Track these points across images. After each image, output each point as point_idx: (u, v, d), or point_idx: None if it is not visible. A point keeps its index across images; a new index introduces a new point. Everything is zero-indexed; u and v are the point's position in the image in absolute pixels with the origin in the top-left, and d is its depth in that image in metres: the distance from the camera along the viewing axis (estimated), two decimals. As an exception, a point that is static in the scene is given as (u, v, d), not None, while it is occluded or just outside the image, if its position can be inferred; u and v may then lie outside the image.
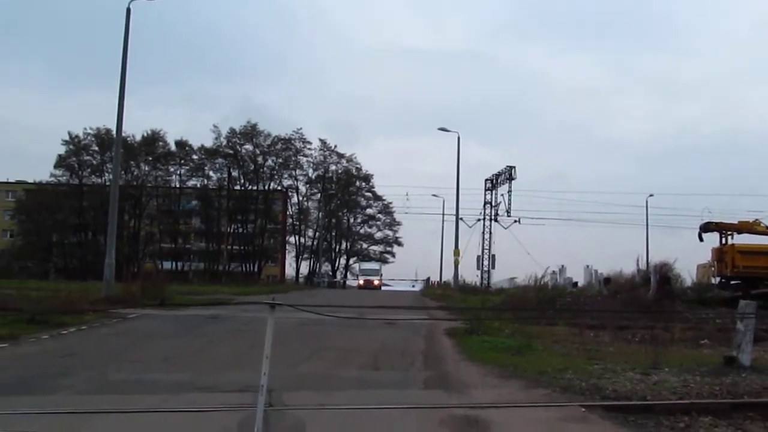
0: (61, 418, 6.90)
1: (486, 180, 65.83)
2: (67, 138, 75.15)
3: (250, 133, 78.48)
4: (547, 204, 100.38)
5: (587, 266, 45.44)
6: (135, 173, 76.24)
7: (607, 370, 10.59)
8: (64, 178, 76.08)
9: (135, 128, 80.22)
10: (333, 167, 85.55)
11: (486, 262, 62.34)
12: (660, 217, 69.67)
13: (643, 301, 24.42)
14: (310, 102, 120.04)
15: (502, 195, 64.42)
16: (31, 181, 79.18)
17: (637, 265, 30.04)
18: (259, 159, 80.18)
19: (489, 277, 61.55)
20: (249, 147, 79.70)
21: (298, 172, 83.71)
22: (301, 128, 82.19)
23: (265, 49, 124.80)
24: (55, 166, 75.93)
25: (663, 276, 26.39)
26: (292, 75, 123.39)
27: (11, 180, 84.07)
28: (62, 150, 75.57)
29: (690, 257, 34.36)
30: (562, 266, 49.77)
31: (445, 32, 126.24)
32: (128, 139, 70.21)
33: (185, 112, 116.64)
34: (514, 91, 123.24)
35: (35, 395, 8.15)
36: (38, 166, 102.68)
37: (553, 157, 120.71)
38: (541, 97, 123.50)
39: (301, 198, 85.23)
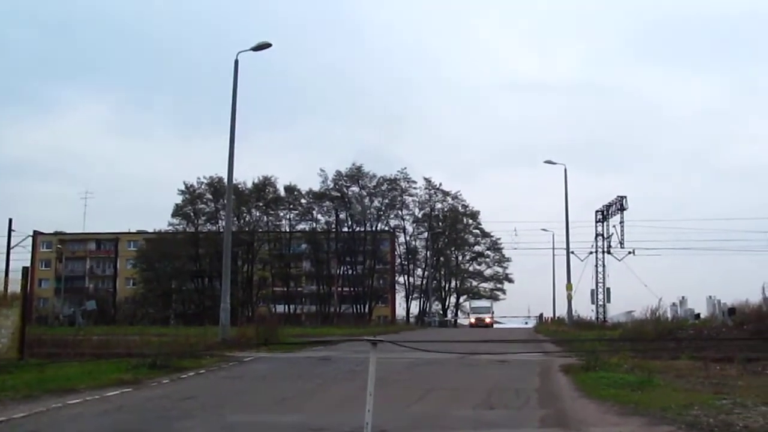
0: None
1: (596, 211, 64.22)
2: (183, 188, 78.58)
3: (356, 175, 79.84)
4: (663, 234, 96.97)
5: (710, 297, 43.44)
6: (247, 219, 78.73)
7: (737, 405, 9.98)
8: (181, 226, 79.35)
9: (248, 174, 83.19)
10: (439, 205, 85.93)
11: (601, 296, 60.44)
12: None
13: (773, 331, 23.04)
14: (418, 140, 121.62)
15: (614, 226, 62.60)
16: (151, 230, 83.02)
17: (764, 293, 28.49)
18: (366, 200, 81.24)
19: (605, 311, 59.59)
20: (355, 189, 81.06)
21: (404, 211, 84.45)
22: (405, 168, 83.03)
23: (375, 96, 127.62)
24: (173, 215, 79.60)
25: (793, 303, 24.89)
26: (403, 118, 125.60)
27: (132, 230, 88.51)
28: (179, 199, 79.06)
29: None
30: (683, 297, 47.87)
31: (556, 64, 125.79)
32: (239, 186, 72.89)
33: (298, 157, 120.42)
34: (627, 120, 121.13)
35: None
36: (159, 216, 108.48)
37: (670, 185, 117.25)
38: (655, 125, 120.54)
39: (408, 238, 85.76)
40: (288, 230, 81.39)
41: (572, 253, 51.88)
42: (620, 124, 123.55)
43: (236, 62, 27.83)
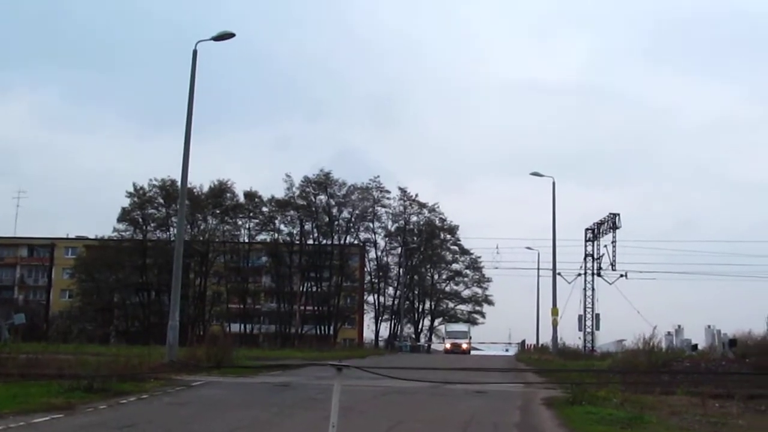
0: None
1: (586, 230, 64.53)
2: (131, 190, 76.79)
3: (324, 182, 79.22)
4: (659, 256, 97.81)
5: (708, 326, 43.87)
6: (201, 227, 77.69)
7: (737, 448, 10.02)
8: (128, 233, 77.21)
9: (207, 178, 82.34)
10: (414, 218, 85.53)
11: (589, 323, 60.68)
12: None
13: (777, 365, 23.35)
14: (402, 146, 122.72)
15: (605, 246, 62.91)
16: (92, 236, 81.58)
17: (768, 323, 28.84)
18: (334, 210, 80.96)
19: (593, 340, 59.90)
20: (323, 197, 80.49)
21: (376, 224, 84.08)
22: (378, 176, 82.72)
23: (354, 92, 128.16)
24: (119, 220, 76.92)
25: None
26: (387, 121, 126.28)
27: (71, 236, 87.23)
28: (127, 203, 76.85)
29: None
30: (679, 326, 48.24)
31: (554, 65, 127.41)
32: (195, 190, 72.17)
33: (266, 161, 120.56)
34: (627, 129, 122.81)
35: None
36: (103, 221, 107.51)
37: (669, 202, 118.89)
38: (657, 135, 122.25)
39: (379, 253, 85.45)
40: (247, 241, 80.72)
41: (559, 274, 52.14)
42: (619, 133, 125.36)
43: (194, 52, 27.63)
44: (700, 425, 12.94)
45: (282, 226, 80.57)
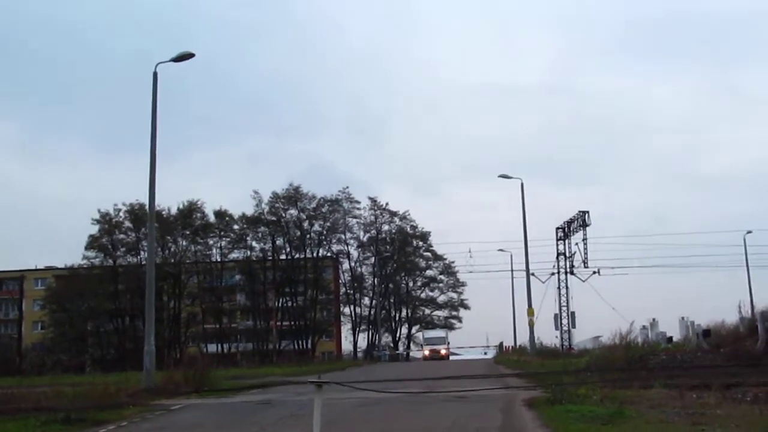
0: None
1: (557, 229, 65.02)
2: (97, 216, 76.05)
3: (294, 196, 79.23)
4: (631, 251, 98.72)
5: (682, 318, 44.26)
6: (172, 249, 77.30)
7: (716, 437, 10.16)
8: (97, 260, 76.60)
9: (175, 200, 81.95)
10: (386, 227, 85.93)
11: (565, 321, 61.09)
12: (762, 256, 67.74)
13: (751, 353, 23.66)
14: (371, 155, 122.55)
15: (576, 244, 63.44)
16: (61, 266, 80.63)
17: (740, 312, 29.20)
18: (305, 224, 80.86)
19: (570, 338, 60.30)
20: (293, 212, 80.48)
21: (348, 235, 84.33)
22: (347, 187, 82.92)
23: (322, 106, 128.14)
24: (87, 248, 76.30)
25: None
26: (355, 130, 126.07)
27: (40, 266, 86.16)
28: (94, 230, 76.50)
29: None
30: (654, 320, 48.63)
31: (526, 65, 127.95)
32: (163, 212, 71.82)
33: (234, 179, 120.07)
34: (595, 128, 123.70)
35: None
36: (71, 250, 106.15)
37: (639, 199, 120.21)
38: (625, 133, 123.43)
39: (353, 264, 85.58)
40: (219, 260, 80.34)
41: (533, 274, 52.46)
42: (587, 131, 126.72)
43: (155, 75, 27.45)
44: (679, 417, 13.08)
45: (254, 243, 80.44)
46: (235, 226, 79.75)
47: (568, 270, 62.96)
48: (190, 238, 78.31)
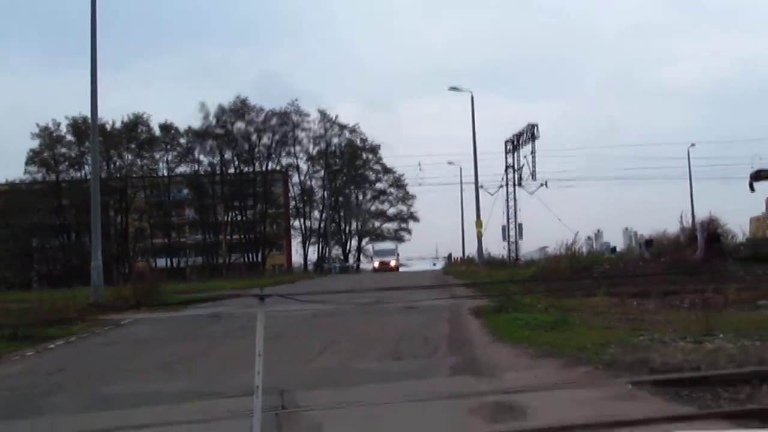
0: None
1: (506, 142, 65.27)
2: (36, 130, 74.37)
3: (241, 109, 78.17)
4: (578, 164, 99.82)
5: (626, 229, 45.45)
6: (118, 164, 76.31)
7: (655, 341, 10.52)
8: (40, 174, 75.48)
9: (120, 112, 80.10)
10: (335, 140, 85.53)
11: (513, 233, 62.06)
12: (705, 169, 69.24)
13: (691, 262, 24.32)
14: (323, 66, 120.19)
15: (524, 157, 63.80)
16: (2, 181, 78.86)
17: (681, 223, 29.86)
18: (254, 137, 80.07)
19: (517, 249, 61.34)
20: (241, 125, 79.52)
21: (297, 148, 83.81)
22: (297, 99, 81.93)
23: (275, 14, 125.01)
24: (27, 163, 75.05)
25: (711, 233, 26.22)
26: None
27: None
28: (34, 144, 75.00)
29: (742, 210, 34.17)
30: (598, 231, 49.89)
31: None
32: (107, 125, 70.39)
33: (182, 90, 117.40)
34: (546, 38, 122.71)
35: (21, 419, 8.14)
36: (11, 165, 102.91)
37: (588, 111, 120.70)
38: (574, 43, 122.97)
39: (303, 177, 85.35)
40: (166, 174, 79.41)
41: (481, 187, 53.08)
42: (539, 43, 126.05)
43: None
44: (620, 322, 13.49)
45: (202, 157, 79.57)
46: (182, 140, 78.76)
47: (517, 182, 63.49)
48: (136, 152, 77.11)
